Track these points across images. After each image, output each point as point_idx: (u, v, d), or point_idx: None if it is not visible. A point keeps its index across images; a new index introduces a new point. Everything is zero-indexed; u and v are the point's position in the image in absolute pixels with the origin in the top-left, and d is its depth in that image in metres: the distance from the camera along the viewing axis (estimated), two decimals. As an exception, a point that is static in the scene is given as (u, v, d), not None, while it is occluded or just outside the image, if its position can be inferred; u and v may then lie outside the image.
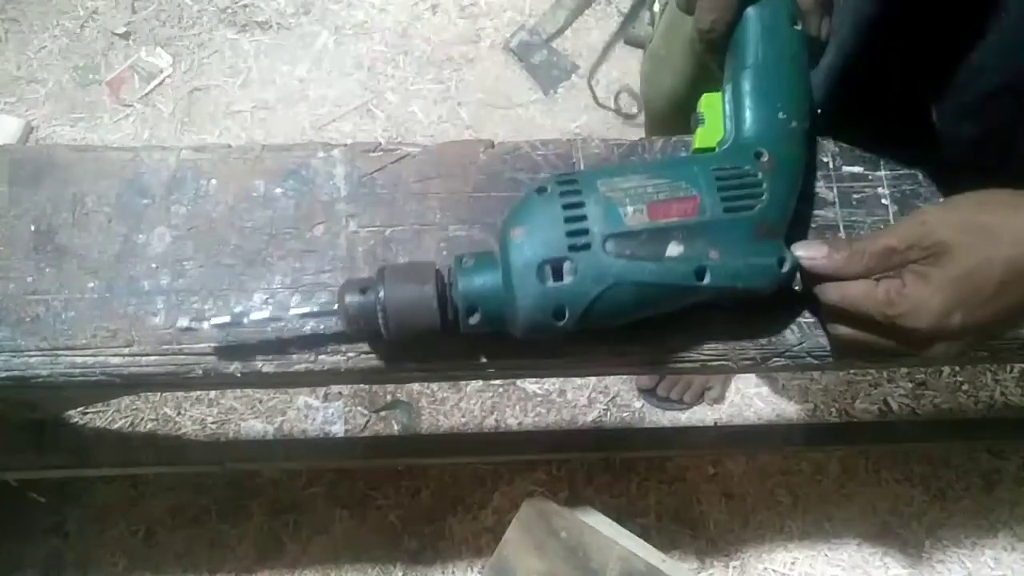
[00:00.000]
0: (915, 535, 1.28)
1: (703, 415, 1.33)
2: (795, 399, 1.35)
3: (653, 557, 0.91)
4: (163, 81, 1.51)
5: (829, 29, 0.52)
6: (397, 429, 1.30)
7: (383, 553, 1.24)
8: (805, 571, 1.25)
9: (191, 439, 1.28)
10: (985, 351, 0.55)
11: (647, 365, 0.53)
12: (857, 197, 0.55)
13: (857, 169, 0.56)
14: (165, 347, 0.50)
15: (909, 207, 0.55)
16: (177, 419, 1.30)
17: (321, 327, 0.50)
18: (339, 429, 1.30)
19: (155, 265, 0.52)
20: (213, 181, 0.54)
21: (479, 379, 1.27)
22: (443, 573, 1.24)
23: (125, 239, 0.52)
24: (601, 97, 1.50)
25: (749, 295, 0.46)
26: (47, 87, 1.50)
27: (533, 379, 1.33)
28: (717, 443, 1.16)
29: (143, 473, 1.23)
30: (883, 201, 0.55)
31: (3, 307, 0.50)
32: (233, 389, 1.27)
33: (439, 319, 0.45)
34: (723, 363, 0.52)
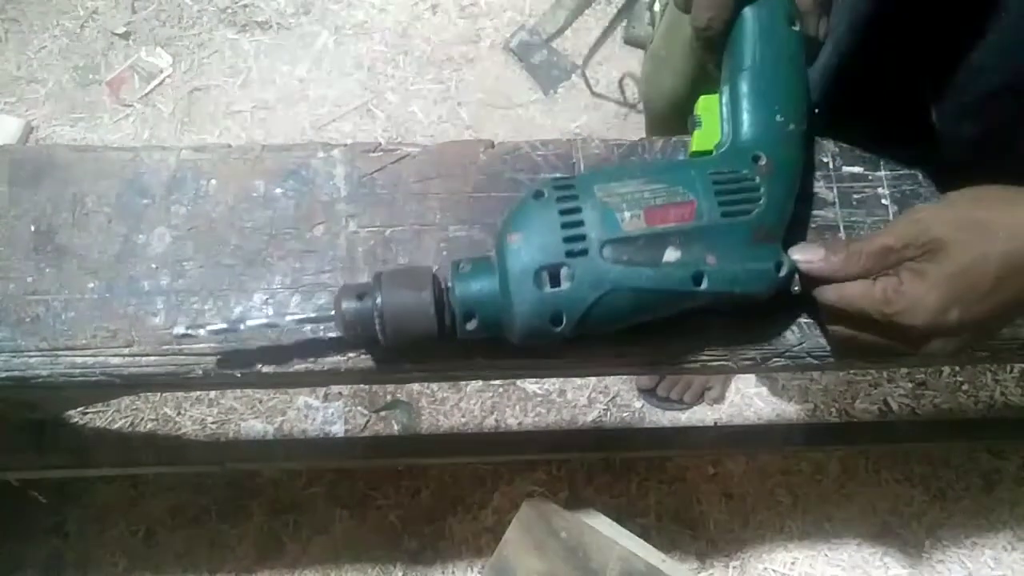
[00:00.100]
0: (915, 535, 1.28)
1: (703, 415, 1.33)
2: (795, 399, 1.35)
3: (653, 557, 0.91)
4: (163, 81, 1.51)
5: (827, 29, 0.52)
6: (397, 429, 1.30)
7: (383, 553, 1.24)
8: (805, 571, 1.25)
9: (191, 439, 1.28)
10: (985, 351, 0.55)
11: (647, 365, 0.53)
12: (857, 197, 0.55)
13: (857, 169, 0.56)
14: (165, 347, 0.50)
15: (909, 207, 0.55)
16: (177, 419, 1.30)
17: (320, 331, 0.50)
18: (339, 429, 1.30)
19: (155, 265, 0.52)
20: (213, 181, 0.54)
21: (479, 379, 1.27)
22: (443, 573, 1.24)
23: (125, 239, 0.52)
24: (602, 94, 1.50)
25: (747, 300, 0.46)
26: (47, 87, 1.50)
27: (533, 379, 1.33)
28: (717, 443, 1.16)
29: (143, 473, 1.23)
30: (883, 201, 0.55)
31: (3, 307, 0.50)
32: (233, 389, 1.27)
33: (436, 325, 0.44)
34: (723, 363, 0.52)
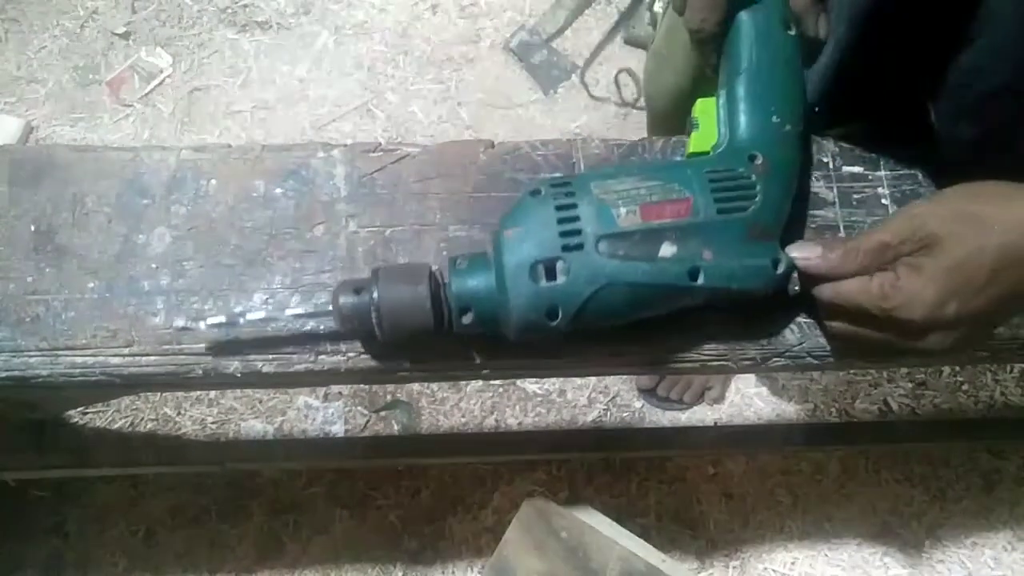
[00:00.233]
0: (915, 535, 1.28)
1: (703, 415, 1.33)
2: (795, 399, 1.35)
3: (653, 557, 0.91)
4: (163, 81, 1.51)
5: (827, 28, 0.52)
6: (397, 429, 1.30)
7: (383, 553, 1.24)
8: (805, 571, 1.25)
9: (191, 439, 1.28)
10: (985, 351, 0.55)
11: (646, 365, 0.53)
12: (857, 197, 0.55)
13: (857, 169, 0.56)
14: (165, 347, 0.50)
15: (908, 207, 0.55)
16: (177, 419, 1.30)
17: (320, 327, 0.50)
18: (339, 429, 1.30)
19: (155, 265, 0.52)
20: (213, 181, 0.54)
21: (479, 379, 1.27)
22: (443, 573, 1.24)
23: (125, 239, 0.52)
24: (600, 95, 1.50)
25: (744, 296, 0.46)
26: (47, 87, 1.50)
27: (533, 379, 1.33)
28: (717, 443, 1.16)
29: (143, 473, 1.23)
30: (883, 201, 0.55)
31: (3, 307, 0.50)
32: (233, 389, 1.27)
33: (432, 320, 0.45)
34: (723, 363, 0.52)
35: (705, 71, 0.53)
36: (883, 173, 0.56)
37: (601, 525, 0.93)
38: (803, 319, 0.52)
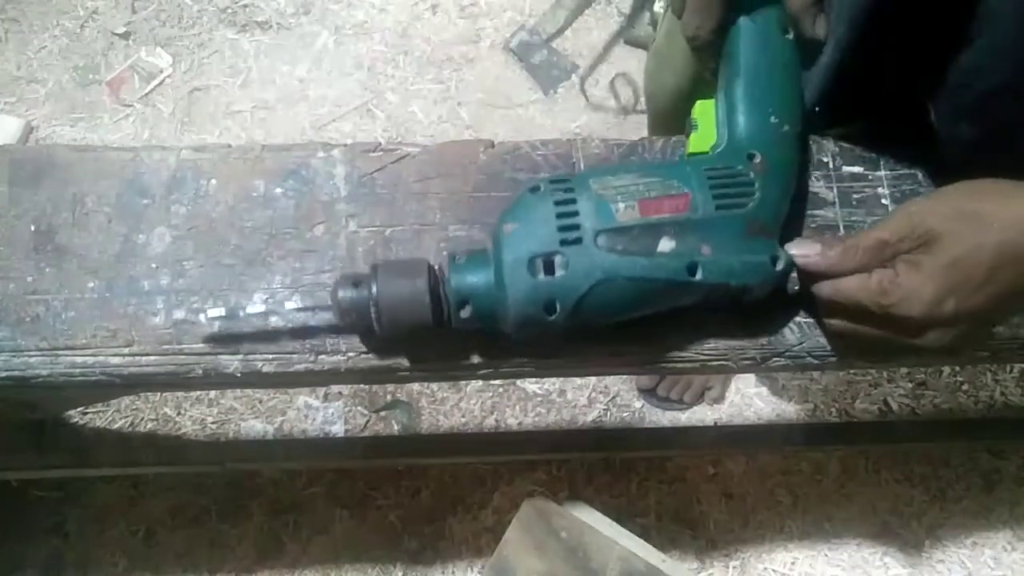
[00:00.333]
0: (915, 535, 1.28)
1: (703, 415, 1.33)
2: (795, 399, 1.35)
3: (653, 557, 0.91)
4: (163, 81, 1.51)
5: (826, 28, 0.52)
6: (397, 429, 1.30)
7: (383, 553, 1.24)
8: (805, 571, 1.25)
9: (191, 439, 1.28)
10: (985, 351, 0.55)
11: (646, 365, 0.53)
12: (857, 197, 0.55)
13: (857, 169, 0.56)
14: (165, 347, 0.50)
15: (908, 206, 0.55)
16: (177, 419, 1.30)
17: (319, 322, 0.50)
18: (339, 429, 1.30)
19: (155, 265, 0.52)
20: (213, 181, 0.54)
21: (479, 379, 1.27)
22: (443, 573, 1.24)
23: (125, 239, 0.52)
24: (600, 97, 1.50)
25: (743, 293, 0.46)
26: (47, 87, 1.50)
27: (533, 379, 1.33)
28: (717, 443, 1.16)
29: (143, 473, 1.23)
30: (883, 201, 0.55)
31: (3, 307, 0.50)
32: (233, 389, 1.27)
33: (431, 314, 0.45)
34: (723, 363, 0.52)
35: (704, 75, 0.53)
36: (883, 173, 0.56)
37: (601, 525, 0.93)
38: (803, 319, 0.52)
